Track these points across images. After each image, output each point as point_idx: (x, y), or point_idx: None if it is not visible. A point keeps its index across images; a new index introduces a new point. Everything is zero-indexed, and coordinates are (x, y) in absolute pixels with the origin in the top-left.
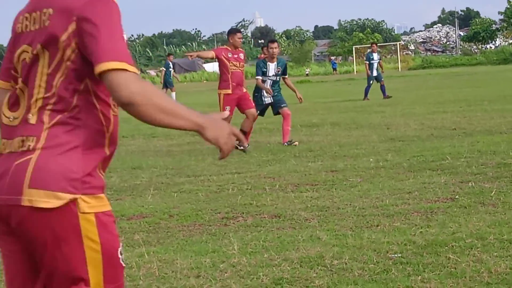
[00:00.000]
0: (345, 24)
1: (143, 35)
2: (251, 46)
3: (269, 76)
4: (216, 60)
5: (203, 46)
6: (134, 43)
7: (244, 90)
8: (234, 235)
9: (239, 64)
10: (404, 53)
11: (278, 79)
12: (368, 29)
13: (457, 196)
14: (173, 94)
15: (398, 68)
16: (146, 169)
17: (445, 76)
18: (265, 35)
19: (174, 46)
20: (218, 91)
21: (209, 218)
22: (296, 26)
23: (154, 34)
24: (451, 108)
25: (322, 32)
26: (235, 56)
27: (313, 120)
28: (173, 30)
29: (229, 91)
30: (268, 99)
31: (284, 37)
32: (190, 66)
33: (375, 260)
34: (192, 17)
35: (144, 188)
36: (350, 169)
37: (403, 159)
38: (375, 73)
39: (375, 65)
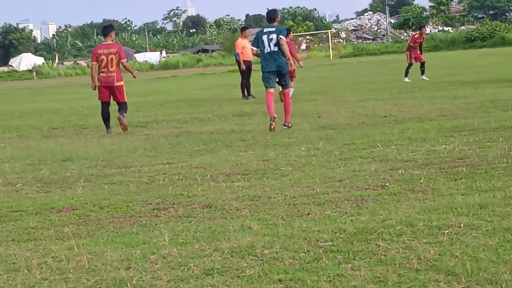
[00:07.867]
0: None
1: (70, 25)
2: (183, 35)
3: None
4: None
5: (135, 36)
6: (64, 33)
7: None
8: (165, 226)
9: None
10: (336, 41)
11: None
12: (299, 17)
13: (387, 184)
14: None
15: (330, 56)
16: (77, 161)
17: (376, 64)
18: (196, 24)
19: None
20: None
21: (140, 209)
22: (226, 15)
23: (84, 24)
24: (382, 95)
25: (253, 20)
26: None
27: (245, 109)
28: (103, 20)
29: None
30: None
31: (214, 26)
32: None
33: (305, 249)
34: (122, 7)
35: (74, 180)
36: (281, 158)
37: (334, 147)
38: None
39: None
